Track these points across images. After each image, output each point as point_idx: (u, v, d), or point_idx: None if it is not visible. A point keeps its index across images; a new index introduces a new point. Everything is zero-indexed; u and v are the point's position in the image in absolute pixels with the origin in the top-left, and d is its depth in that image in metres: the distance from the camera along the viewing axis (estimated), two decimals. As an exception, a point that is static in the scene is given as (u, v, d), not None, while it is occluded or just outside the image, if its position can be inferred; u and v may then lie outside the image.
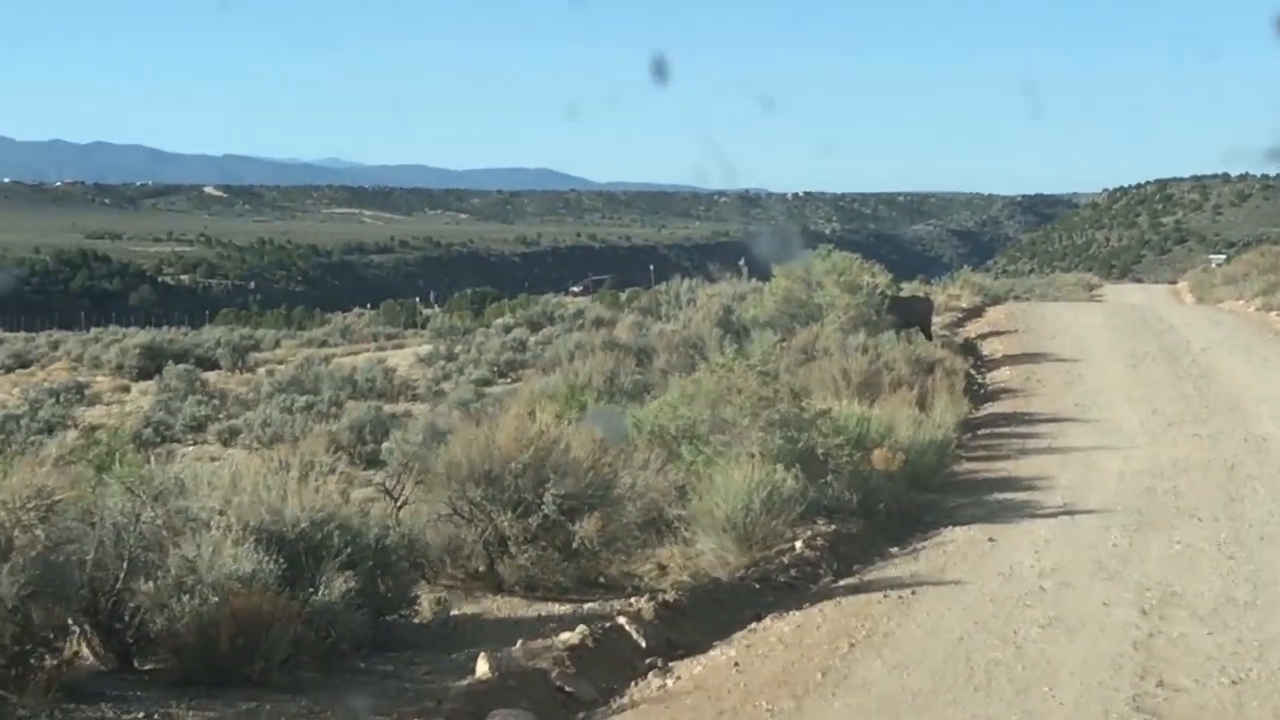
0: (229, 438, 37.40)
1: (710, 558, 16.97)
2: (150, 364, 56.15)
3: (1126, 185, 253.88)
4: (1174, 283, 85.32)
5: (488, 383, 44.43)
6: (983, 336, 42.73)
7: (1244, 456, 23.52)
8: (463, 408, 37.09)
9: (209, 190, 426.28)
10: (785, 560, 17.07)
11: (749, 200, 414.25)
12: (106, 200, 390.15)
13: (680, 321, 43.69)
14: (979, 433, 27.36)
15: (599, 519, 14.97)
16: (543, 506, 14.93)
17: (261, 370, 53.99)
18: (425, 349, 55.46)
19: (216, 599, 11.73)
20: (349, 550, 12.82)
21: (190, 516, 12.85)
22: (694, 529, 17.21)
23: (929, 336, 37.33)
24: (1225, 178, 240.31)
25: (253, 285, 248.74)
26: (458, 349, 53.45)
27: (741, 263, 62.84)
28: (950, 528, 19.05)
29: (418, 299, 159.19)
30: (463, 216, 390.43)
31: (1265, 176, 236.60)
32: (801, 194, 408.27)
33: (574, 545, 15.11)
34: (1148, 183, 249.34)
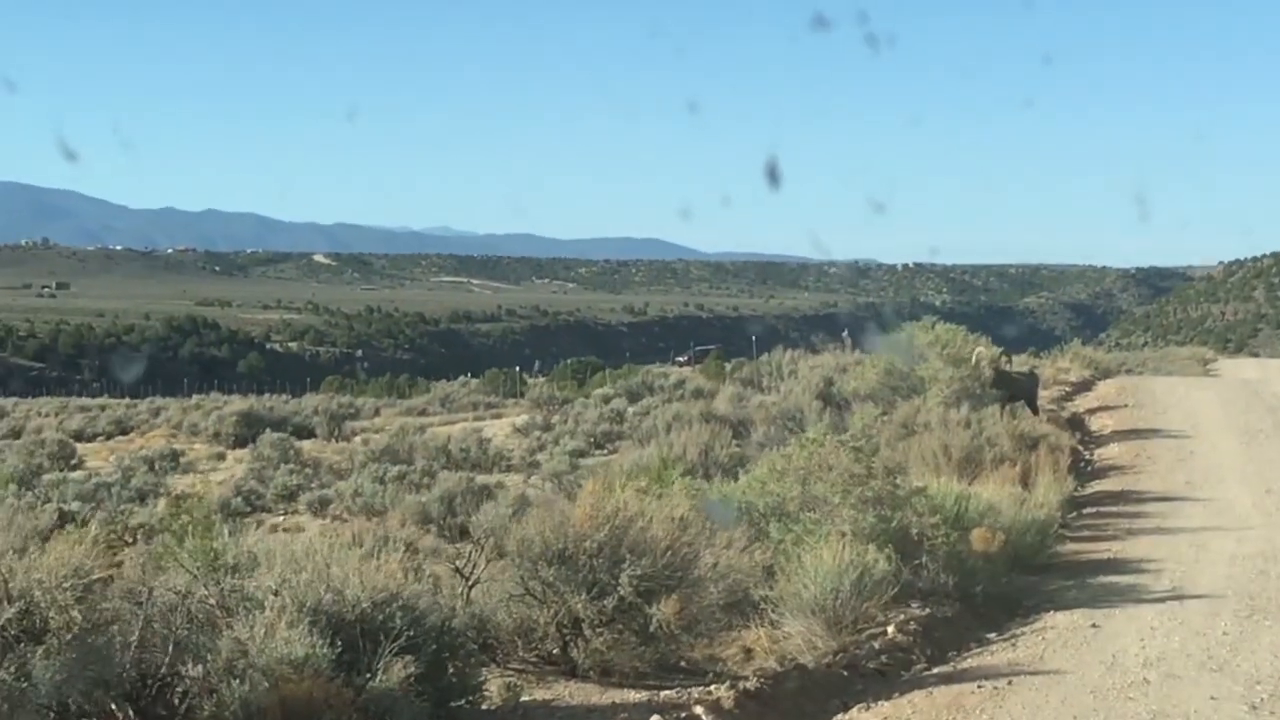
0: (319, 508, 36.90)
1: (798, 641, 16.21)
2: (247, 432, 55.91)
3: (1243, 258, 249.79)
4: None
5: (583, 454, 43.70)
6: (1091, 411, 41.72)
7: (1363, 540, 22.57)
8: (555, 479, 36.50)
9: (318, 258, 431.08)
10: (876, 645, 16.30)
11: (859, 271, 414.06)
12: (217, 267, 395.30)
13: (780, 393, 42.98)
14: (1084, 511, 26.45)
15: (677, 601, 14.25)
16: (618, 588, 14.22)
17: (357, 439, 53.60)
18: (522, 419, 54.94)
19: (266, 684, 11.12)
20: (411, 632, 12.15)
21: (245, 595, 12.26)
22: (781, 611, 16.46)
23: (1035, 411, 36.40)
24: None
25: (360, 353, 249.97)
26: (555, 419, 52.88)
27: (845, 334, 62.18)
28: (1051, 613, 18.21)
29: (519, 368, 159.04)
30: (570, 285, 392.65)
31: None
32: (912, 265, 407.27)
33: (651, 629, 14.37)
34: (1264, 255, 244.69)
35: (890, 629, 16.68)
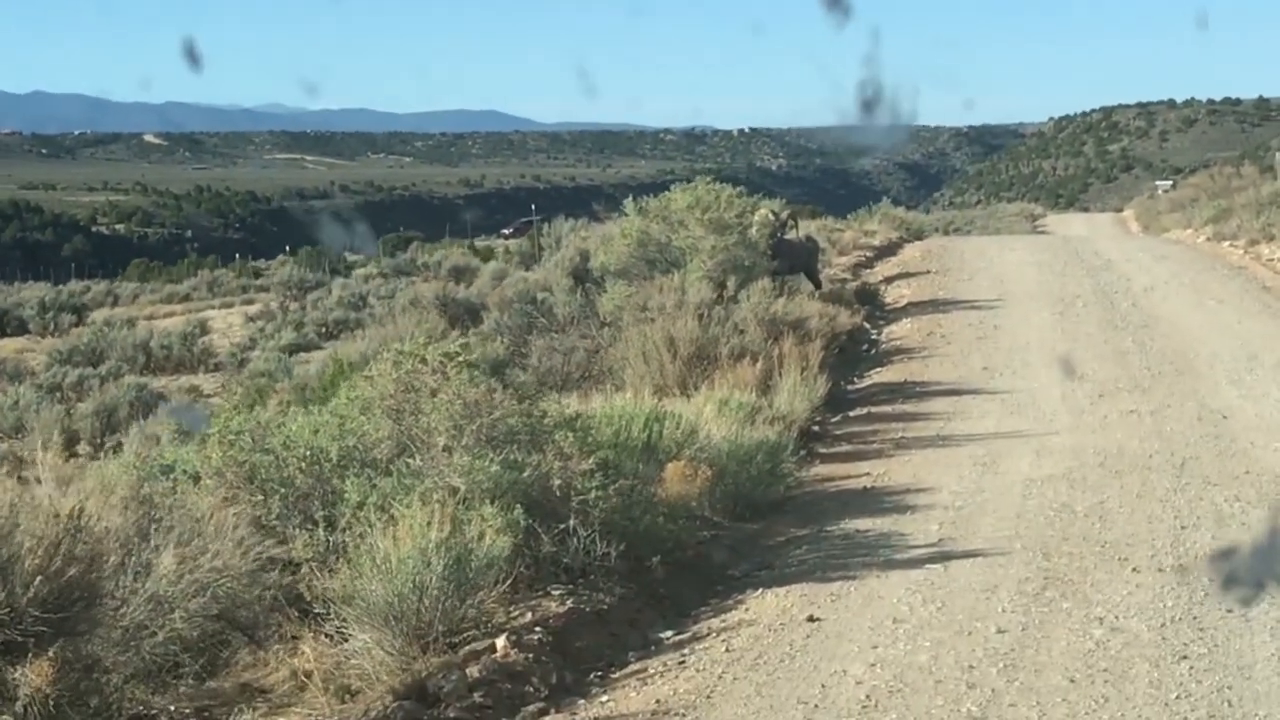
0: (-39, 424, 30.71)
1: (370, 663, 10.63)
2: (-43, 328, 49.43)
3: (1072, 114, 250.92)
4: (1119, 210, 79.63)
5: (303, 348, 37.52)
6: (890, 280, 35.97)
7: (1198, 446, 17.20)
8: (258, 379, 30.60)
9: (149, 138, 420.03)
10: (474, 672, 10.65)
11: (695, 138, 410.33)
12: (44, 150, 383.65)
13: (536, 271, 37.26)
14: (852, 414, 20.84)
15: (50, 664, 8.42)
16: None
17: (74, 334, 46.86)
18: (256, 307, 48.66)
19: None
20: None
21: None
22: (347, 617, 10.85)
23: (817, 284, 30.87)
24: (1171, 103, 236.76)
25: (189, 233, 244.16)
26: (293, 306, 46.56)
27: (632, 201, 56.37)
28: (759, 592, 12.64)
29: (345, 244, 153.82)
30: (406, 160, 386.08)
31: (1211, 101, 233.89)
32: (747, 130, 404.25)
33: (21, 706, 8.54)
34: (1093, 110, 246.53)
35: (500, 642, 11.01)
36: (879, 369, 24.55)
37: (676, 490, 14.18)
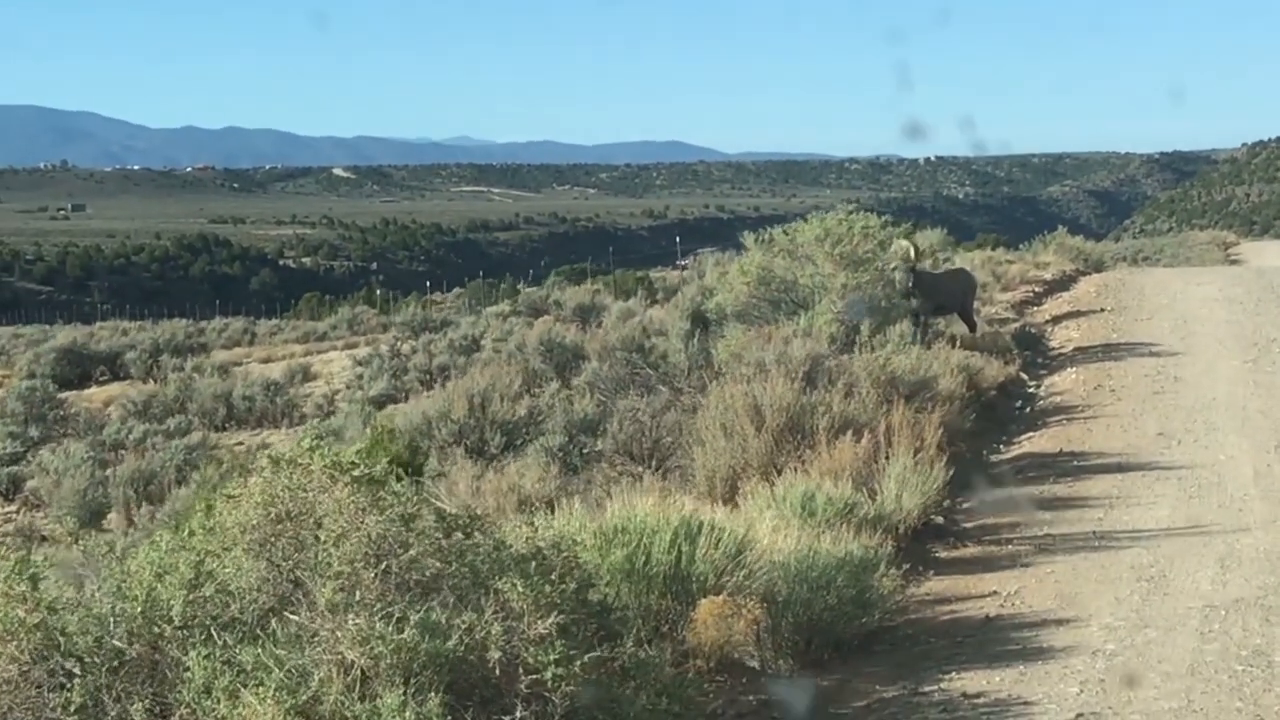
0: (10, 489, 27.38)
1: None
2: (71, 370, 46.53)
3: (1266, 139, 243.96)
4: (1318, 238, 74.38)
5: (393, 399, 33.63)
6: (1058, 319, 31.46)
7: None
8: (326, 437, 26.90)
9: (337, 172, 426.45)
10: None
11: (880, 166, 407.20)
12: (235, 185, 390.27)
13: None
14: (989, 497, 16.58)
15: None
16: None
17: (173, 379, 43.53)
18: (364, 350, 44.96)
19: None
20: None
21: None
22: None
23: (971, 326, 26.65)
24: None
25: (375, 266, 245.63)
26: (405, 348, 42.74)
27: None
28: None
29: (509, 276, 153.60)
30: (591, 191, 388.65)
31: None
32: (934, 159, 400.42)
33: None
34: None
35: None
36: (1031, 434, 20.22)
37: (712, 636, 10.21)
